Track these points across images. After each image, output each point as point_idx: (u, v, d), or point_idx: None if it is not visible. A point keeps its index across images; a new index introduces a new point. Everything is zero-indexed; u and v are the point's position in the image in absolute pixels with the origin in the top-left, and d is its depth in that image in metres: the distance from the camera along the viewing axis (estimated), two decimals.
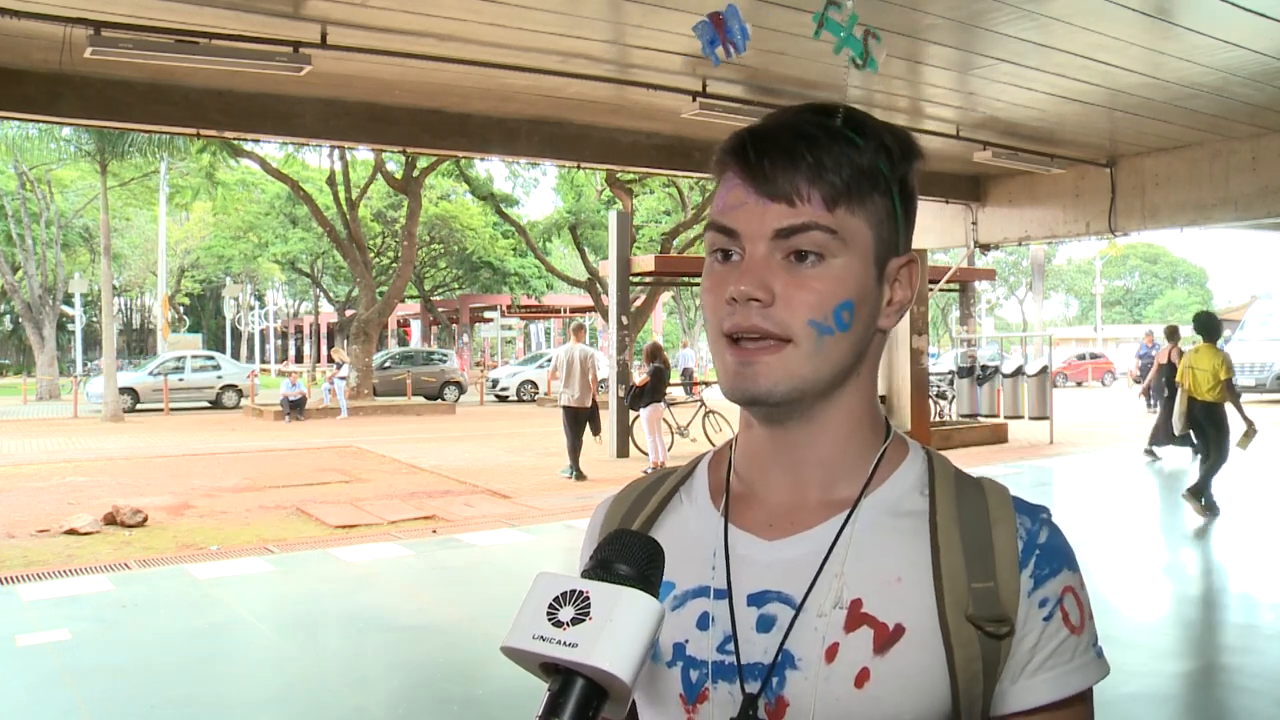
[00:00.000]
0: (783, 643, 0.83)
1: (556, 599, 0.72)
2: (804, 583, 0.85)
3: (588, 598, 0.71)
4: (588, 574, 0.74)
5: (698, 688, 0.86)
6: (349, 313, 34.21)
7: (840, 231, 0.83)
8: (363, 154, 24.95)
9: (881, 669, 0.81)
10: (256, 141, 18.98)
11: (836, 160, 0.82)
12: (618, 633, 0.69)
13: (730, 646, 0.85)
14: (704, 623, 0.87)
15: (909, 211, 0.89)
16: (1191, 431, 9.50)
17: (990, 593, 0.82)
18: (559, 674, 0.70)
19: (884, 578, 0.84)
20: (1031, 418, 16.24)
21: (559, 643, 0.69)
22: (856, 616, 0.82)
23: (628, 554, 0.75)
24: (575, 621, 0.70)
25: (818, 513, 0.88)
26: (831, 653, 0.82)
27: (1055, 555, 0.85)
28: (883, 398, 13.77)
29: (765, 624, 0.85)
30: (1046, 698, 0.83)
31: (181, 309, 47.62)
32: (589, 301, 30.47)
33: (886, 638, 0.81)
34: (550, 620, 0.71)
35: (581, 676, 0.69)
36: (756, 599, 0.86)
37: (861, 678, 0.81)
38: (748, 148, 0.84)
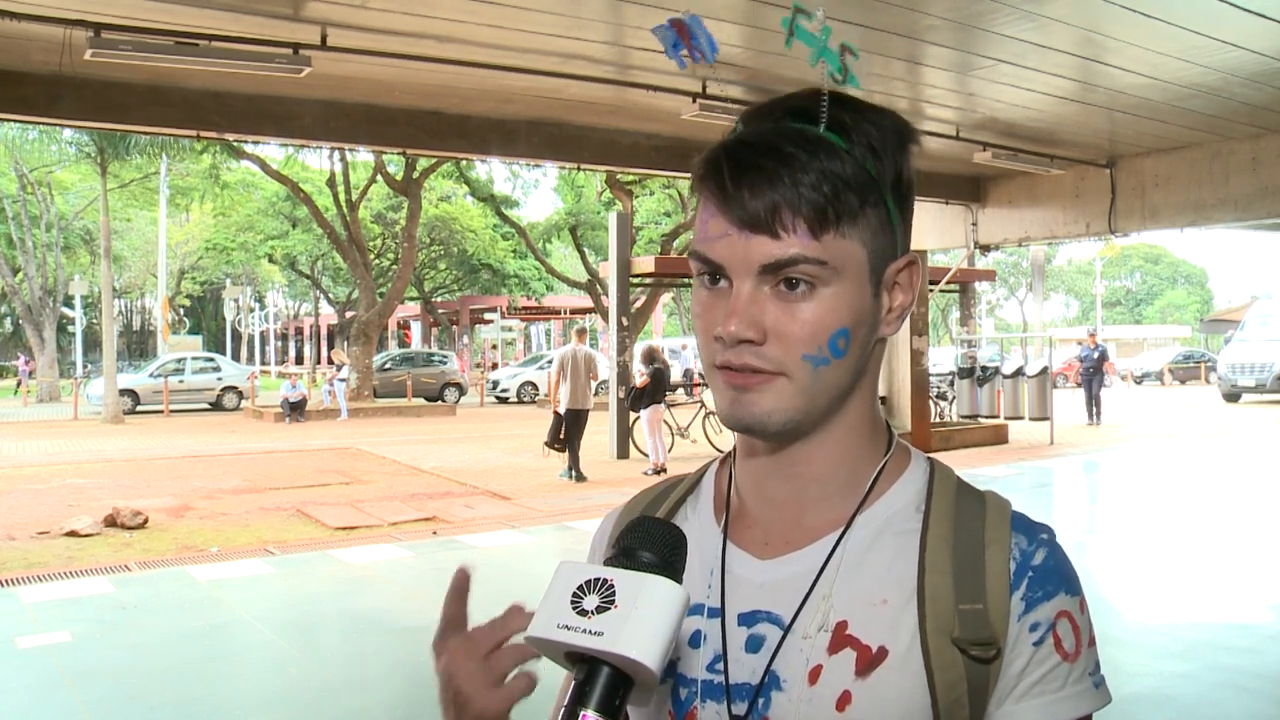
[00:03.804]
0: (769, 664, 0.82)
1: (581, 587, 0.71)
2: (793, 604, 0.83)
3: (612, 585, 0.70)
4: (611, 561, 0.74)
5: (686, 705, 0.85)
6: (349, 314, 34.20)
7: (830, 261, 0.78)
8: (362, 155, 24.96)
9: (862, 692, 0.79)
10: (256, 143, 18.98)
11: (819, 178, 0.77)
12: (643, 620, 0.69)
13: (720, 666, 0.84)
14: (696, 641, 0.86)
15: (905, 210, 0.84)
16: None
17: (979, 615, 0.80)
18: (584, 663, 0.69)
19: (870, 599, 0.82)
20: (1032, 418, 16.24)
21: (585, 631, 0.69)
22: (841, 638, 0.81)
23: (651, 541, 0.74)
24: (600, 610, 0.69)
25: (812, 532, 0.86)
26: (814, 675, 0.80)
27: (1050, 578, 0.82)
28: (883, 398, 13.76)
29: (754, 644, 0.84)
30: None
31: (181, 311, 47.62)
32: (589, 303, 30.47)
33: (868, 660, 0.80)
34: (575, 609, 0.70)
35: (607, 665, 0.69)
36: (747, 619, 0.85)
37: (843, 700, 0.79)
38: (724, 172, 0.79)
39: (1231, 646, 5.35)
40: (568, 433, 11.74)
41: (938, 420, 16.01)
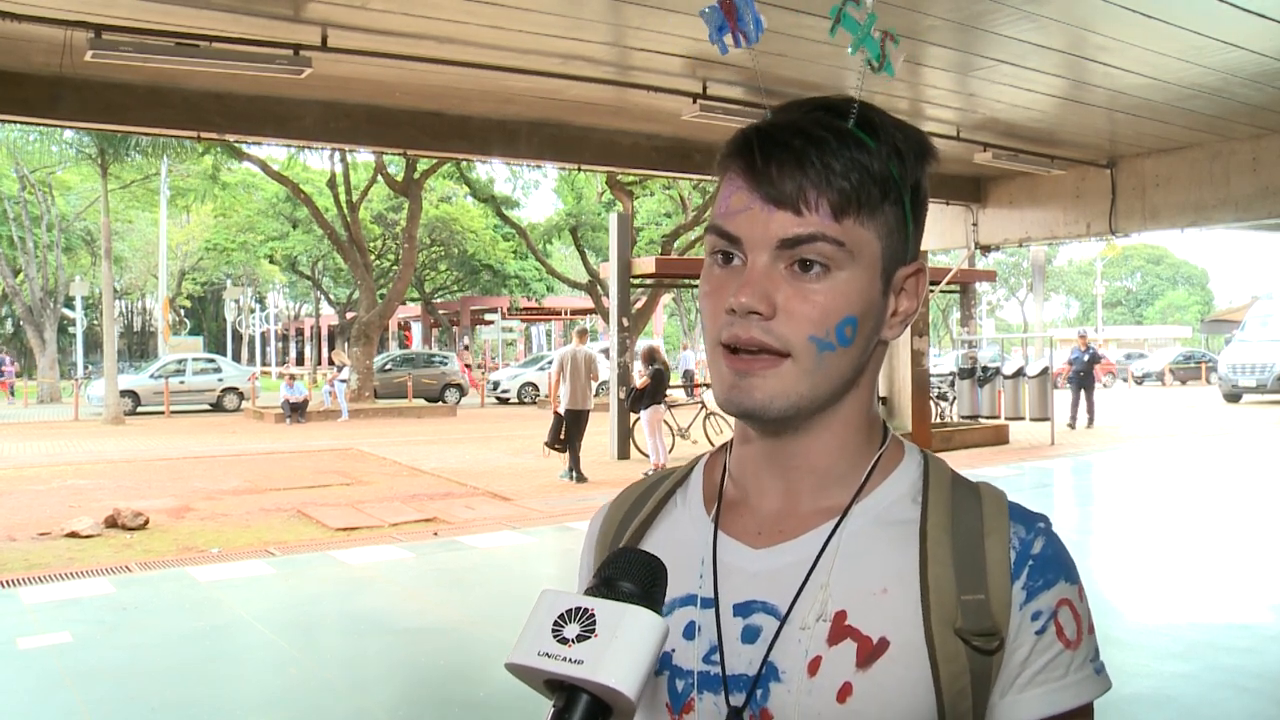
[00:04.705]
0: (767, 655, 0.82)
1: (561, 616, 0.72)
2: (789, 593, 0.83)
3: (593, 615, 0.71)
4: (592, 591, 0.74)
5: (683, 698, 0.85)
6: (350, 315, 34.22)
7: (848, 244, 0.79)
8: (363, 156, 24.97)
9: (864, 683, 0.79)
10: (259, 144, 18.98)
11: (846, 166, 0.79)
12: (623, 649, 0.69)
13: (716, 657, 0.84)
14: (690, 632, 0.85)
15: (919, 218, 0.86)
16: None
17: (981, 605, 0.80)
18: (563, 690, 0.70)
19: (869, 589, 0.81)
20: (1032, 419, 16.24)
21: (565, 659, 0.70)
22: (840, 629, 0.81)
23: (631, 571, 0.75)
24: (581, 638, 0.70)
25: (807, 521, 0.86)
26: (814, 666, 0.80)
27: (1050, 566, 0.82)
28: (883, 399, 13.77)
29: (750, 635, 0.83)
30: (1036, 713, 0.80)
31: (182, 312, 47.62)
32: (589, 304, 30.46)
33: (869, 651, 0.79)
34: (556, 637, 0.71)
35: (586, 693, 0.69)
36: (742, 609, 0.84)
37: (844, 692, 0.79)
38: (754, 148, 0.80)
39: (1232, 647, 5.35)
40: (568, 433, 11.74)
41: (938, 421, 16.01)
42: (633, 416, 13.33)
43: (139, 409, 24.69)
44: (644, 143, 10.16)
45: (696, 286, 19.64)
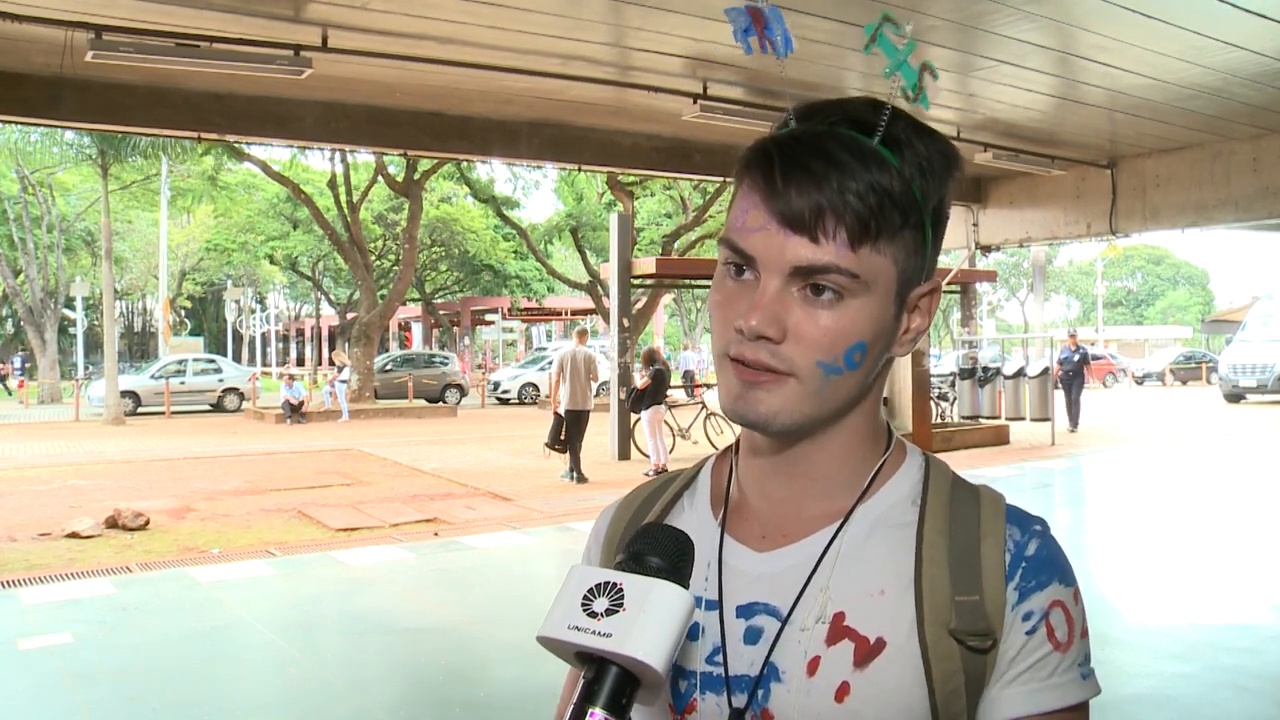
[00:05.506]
0: (768, 656, 0.83)
1: (591, 590, 0.74)
2: (791, 595, 0.84)
3: (621, 589, 0.73)
4: (620, 566, 0.76)
5: (686, 698, 0.85)
6: (350, 315, 34.22)
7: (863, 274, 0.78)
8: (363, 156, 24.97)
9: (861, 683, 0.80)
10: (259, 144, 18.97)
11: (866, 189, 0.77)
12: (651, 623, 0.71)
13: (719, 658, 0.85)
14: (694, 633, 0.86)
15: (938, 236, 0.85)
16: None
17: (975, 606, 0.80)
18: (593, 663, 0.72)
19: (867, 590, 0.82)
20: (1033, 419, 16.23)
21: (594, 633, 0.71)
22: (839, 630, 0.81)
23: (659, 547, 0.77)
24: (609, 612, 0.72)
25: (810, 524, 0.87)
26: (813, 666, 0.81)
27: (1044, 568, 0.82)
28: (884, 399, 13.74)
29: (752, 636, 0.84)
30: (1018, 711, 0.80)
31: (183, 312, 47.65)
32: (590, 304, 30.46)
33: (866, 651, 0.80)
34: (585, 611, 0.73)
35: (615, 665, 0.71)
36: (745, 611, 0.85)
37: (841, 692, 0.80)
38: (774, 166, 0.79)
39: (1232, 647, 5.35)
40: (568, 434, 11.74)
41: (939, 421, 16.00)
42: (633, 417, 13.33)
43: (139, 409, 24.69)
44: (644, 143, 10.17)
45: (697, 287, 19.69)
